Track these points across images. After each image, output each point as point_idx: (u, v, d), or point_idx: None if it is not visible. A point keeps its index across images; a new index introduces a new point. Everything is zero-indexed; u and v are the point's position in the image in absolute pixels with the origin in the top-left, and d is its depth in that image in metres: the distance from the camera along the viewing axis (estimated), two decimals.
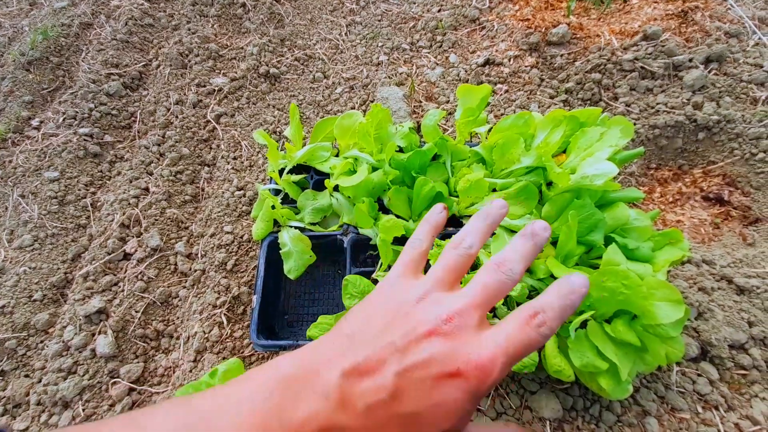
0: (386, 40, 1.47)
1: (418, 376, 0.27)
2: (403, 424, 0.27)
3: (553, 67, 1.26)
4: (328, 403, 0.26)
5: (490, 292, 0.31)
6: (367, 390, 0.27)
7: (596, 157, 0.72)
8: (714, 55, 1.22)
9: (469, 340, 0.28)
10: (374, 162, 0.85)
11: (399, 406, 0.26)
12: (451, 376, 0.27)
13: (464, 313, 0.29)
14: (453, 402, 0.27)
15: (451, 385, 0.27)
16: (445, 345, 0.28)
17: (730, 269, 0.89)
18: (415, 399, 0.27)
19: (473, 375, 0.27)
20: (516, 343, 0.28)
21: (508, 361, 0.27)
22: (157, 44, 1.59)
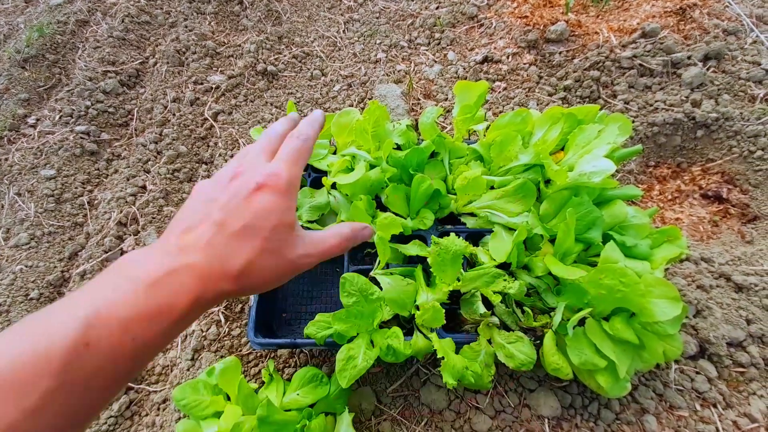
0: (384, 37, 1.46)
1: (235, 204, 0.35)
2: (240, 239, 0.34)
3: (552, 65, 1.26)
4: (168, 256, 0.33)
5: (264, 139, 0.42)
6: (201, 231, 0.34)
7: (594, 155, 0.72)
8: (712, 52, 1.22)
9: (260, 167, 0.38)
10: (372, 159, 0.85)
11: (228, 228, 0.34)
12: (256, 190, 0.36)
13: (254, 157, 0.39)
14: (267, 203, 0.35)
15: (260, 195, 0.36)
16: (245, 177, 0.37)
17: (729, 267, 0.89)
18: (238, 217, 0.35)
19: (270, 181, 0.36)
20: (288, 151, 0.40)
21: (289, 165, 0.38)
22: (154, 42, 1.58)
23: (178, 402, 0.68)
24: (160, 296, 0.30)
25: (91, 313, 0.27)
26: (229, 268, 0.33)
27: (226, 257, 0.33)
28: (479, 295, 0.72)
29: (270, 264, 0.35)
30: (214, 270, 0.33)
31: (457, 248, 0.68)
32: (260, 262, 0.35)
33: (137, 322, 0.28)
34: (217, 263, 0.33)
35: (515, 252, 0.71)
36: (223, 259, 0.33)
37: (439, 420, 0.77)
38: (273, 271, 0.36)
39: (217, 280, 0.33)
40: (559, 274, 0.65)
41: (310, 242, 0.39)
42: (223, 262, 0.33)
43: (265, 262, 0.35)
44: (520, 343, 0.67)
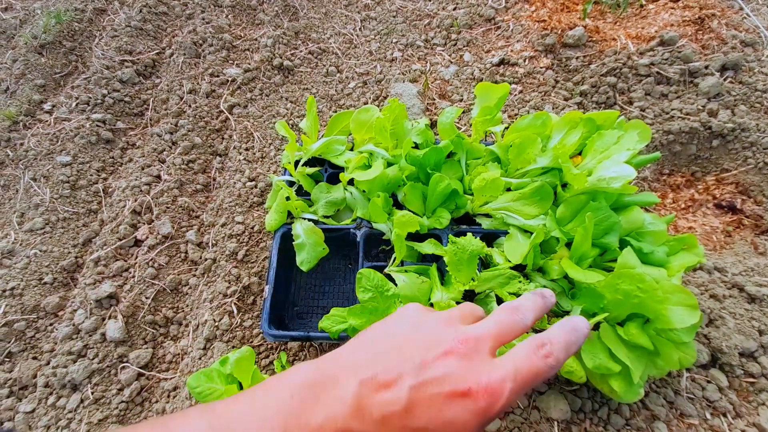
0: (401, 36, 1.47)
1: (432, 392, 0.28)
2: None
3: (568, 69, 1.26)
4: (344, 409, 0.27)
5: (504, 327, 0.33)
6: (383, 400, 0.28)
7: (614, 160, 0.72)
8: (730, 63, 1.21)
9: (482, 363, 0.29)
10: (389, 157, 0.85)
11: (411, 420, 0.27)
12: (462, 396, 0.28)
13: (480, 339, 0.31)
14: (462, 423, 0.27)
15: (462, 405, 0.27)
16: (460, 364, 0.29)
17: (742, 277, 0.89)
18: (426, 414, 0.27)
19: (483, 396, 0.27)
20: (524, 370, 0.29)
21: (516, 387, 0.28)
22: (171, 32, 1.59)
23: (193, 389, 0.69)
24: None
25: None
26: None
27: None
28: (494, 295, 0.73)
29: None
30: None
31: (474, 248, 0.68)
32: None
33: None
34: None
35: (531, 254, 0.71)
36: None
37: None
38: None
39: None
40: (576, 277, 0.65)
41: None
42: None
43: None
44: None
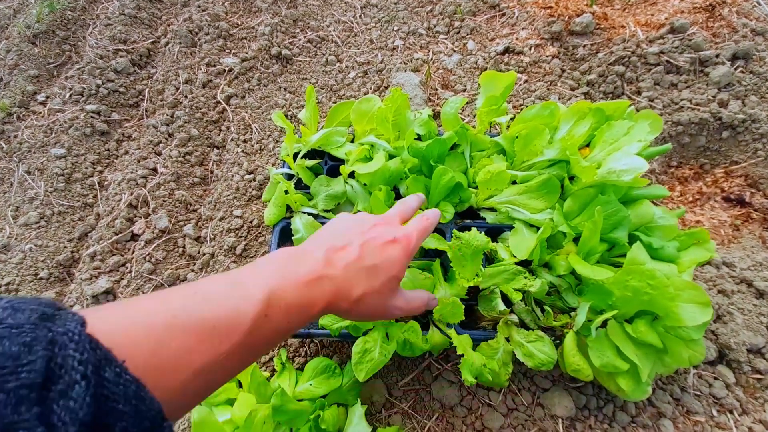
0: (402, 24, 1.43)
1: (373, 244, 0.45)
2: (367, 274, 0.43)
3: (575, 58, 1.22)
4: (319, 264, 0.41)
5: (403, 211, 0.56)
6: (343, 254, 0.43)
7: (624, 152, 0.70)
8: (741, 52, 1.18)
9: (397, 227, 0.50)
10: (391, 149, 0.83)
11: (363, 262, 0.43)
12: (392, 242, 0.46)
13: (392, 217, 0.52)
14: (396, 256, 0.46)
15: (393, 247, 0.46)
16: (385, 229, 0.48)
17: (750, 272, 0.87)
18: (372, 257, 0.44)
19: (403, 240, 0.47)
20: (418, 225, 0.51)
21: (419, 235, 0.50)
22: (166, 21, 1.55)
23: None
24: (310, 294, 0.38)
25: (270, 293, 0.34)
26: (352, 292, 0.42)
27: (354, 283, 0.42)
28: (498, 292, 0.71)
29: (376, 302, 0.44)
30: (343, 288, 0.41)
31: (478, 243, 0.66)
32: (371, 298, 0.43)
33: (294, 309, 0.36)
34: (347, 284, 0.41)
35: (538, 249, 0.69)
36: (351, 283, 0.42)
37: (450, 416, 0.76)
38: (374, 309, 0.45)
39: (342, 296, 0.41)
40: (584, 274, 0.63)
41: (404, 298, 0.49)
42: (350, 286, 0.42)
43: (374, 299, 0.44)
44: (541, 342, 0.65)
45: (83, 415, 0.20)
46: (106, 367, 0.22)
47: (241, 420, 0.61)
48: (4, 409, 0.18)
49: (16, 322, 0.21)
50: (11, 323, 0.21)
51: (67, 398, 0.19)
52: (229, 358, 0.29)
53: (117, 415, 0.21)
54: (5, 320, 0.21)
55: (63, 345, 0.21)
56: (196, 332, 0.28)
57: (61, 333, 0.22)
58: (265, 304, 0.33)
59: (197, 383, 0.28)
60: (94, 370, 0.21)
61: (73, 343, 0.21)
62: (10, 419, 0.17)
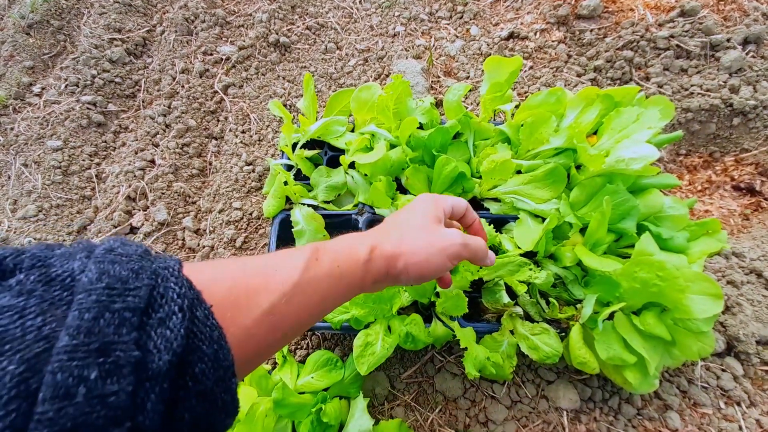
0: (403, 9, 1.38)
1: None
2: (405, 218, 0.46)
3: (582, 43, 1.19)
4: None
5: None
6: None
7: (634, 140, 0.67)
8: (752, 36, 1.14)
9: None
10: (392, 138, 0.80)
11: (397, 217, 0.47)
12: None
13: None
14: (423, 202, 0.47)
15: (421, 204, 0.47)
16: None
17: (760, 263, 0.85)
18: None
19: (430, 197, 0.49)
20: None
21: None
22: (161, 9, 1.51)
23: None
24: (353, 242, 0.40)
25: (318, 245, 0.37)
26: (391, 234, 0.42)
27: (391, 228, 0.44)
28: (503, 284, 0.69)
29: (420, 237, 0.42)
30: (382, 233, 0.43)
31: None
32: (412, 234, 0.42)
33: (342, 254, 0.37)
34: (385, 231, 0.43)
35: (543, 240, 0.68)
36: (389, 229, 0.44)
37: (453, 408, 0.75)
38: (424, 246, 0.41)
39: (383, 239, 0.41)
40: (591, 265, 0.62)
41: (454, 231, 0.45)
42: (388, 231, 0.43)
43: (416, 235, 0.42)
44: (546, 335, 0.64)
45: (176, 345, 0.20)
46: (198, 306, 0.23)
47: (242, 414, 0.61)
48: (107, 328, 0.19)
49: (126, 252, 0.24)
50: (122, 252, 0.23)
51: (165, 327, 0.21)
52: (290, 301, 0.31)
53: (200, 355, 0.22)
54: (116, 249, 0.24)
55: (165, 278, 0.23)
56: (263, 273, 0.31)
57: (162, 267, 0.24)
58: (315, 250, 0.36)
59: (264, 327, 0.29)
60: (189, 305, 0.22)
61: (173, 278, 0.23)
62: (110, 339, 0.19)
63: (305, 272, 0.33)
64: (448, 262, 0.42)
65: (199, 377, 0.21)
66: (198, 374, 0.21)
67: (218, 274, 0.29)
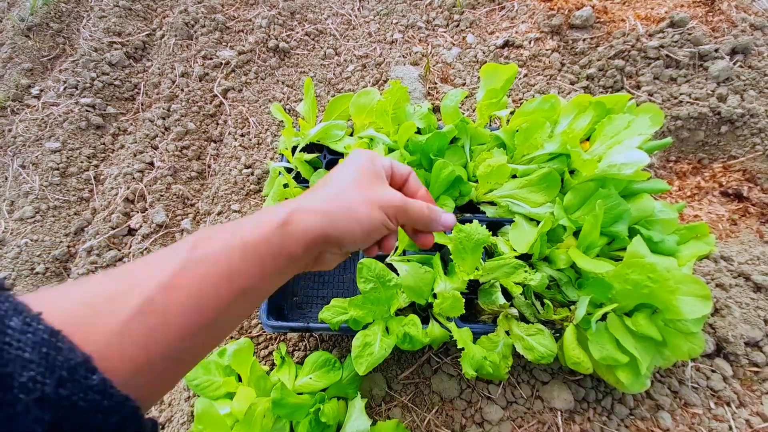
0: (401, 17, 1.41)
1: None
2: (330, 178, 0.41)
3: (575, 52, 1.22)
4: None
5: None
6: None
7: (625, 146, 0.70)
8: (740, 46, 1.18)
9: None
10: (391, 143, 0.82)
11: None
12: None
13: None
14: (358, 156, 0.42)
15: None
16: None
17: (748, 266, 0.87)
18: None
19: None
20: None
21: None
22: (161, 13, 1.53)
23: (190, 382, 0.67)
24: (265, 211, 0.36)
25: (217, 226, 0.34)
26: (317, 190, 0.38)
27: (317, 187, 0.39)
28: (498, 285, 0.71)
29: (355, 194, 0.37)
30: (303, 197, 0.38)
31: (480, 236, 0.66)
32: (345, 191, 0.37)
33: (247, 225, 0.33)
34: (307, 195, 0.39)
35: (538, 243, 0.69)
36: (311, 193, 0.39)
37: (450, 408, 0.76)
38: (357, 204, 0.37)
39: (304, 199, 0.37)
40: (584, 267, 0.63)
41: (394, 191, 0.40)
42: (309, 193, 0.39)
43: (350, 192, 0.37)
44: (540, 335, 0.66)
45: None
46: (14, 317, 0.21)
47: (241, 413, 0.61)
48: None
49: None
50: None
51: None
52: (174, 287, 0.28)
53: (22, 364, 0.20)
54: None
55: None
56: (131, 272, 0.28)
57: None
58: (205, 230, 0.33)
59: (141, 325, 0.26)
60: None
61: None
62: None
63: (192, 251, 0.30)
64: (386, 221, 0.38)
65: (29, 385, 0.20)
66: (26, 383, 0.20)
67: (71, 287, 0.26)
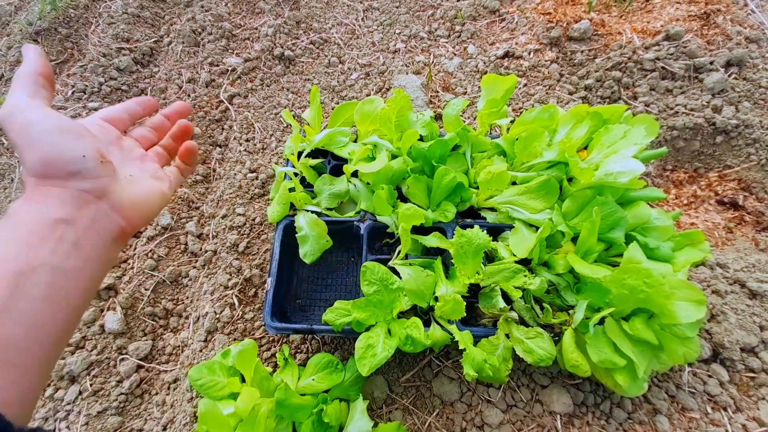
0: (404, 27, 1.45)
1: None
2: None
3: (573, 63, 1.25)
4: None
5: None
6: None
7: (621, 155, 0.72)
8: (734, 59, 1.21)
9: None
10: (394, 149, 0.84)
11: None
12: None
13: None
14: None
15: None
16: None
17: (743, 273, 0.89)
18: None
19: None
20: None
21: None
22: (169, 20, 1.56)
23: (195, 382, 0.68)
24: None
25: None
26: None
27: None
28: (499, 289, 0.72)
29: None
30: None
31: (481, 241, 0.68)
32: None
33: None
34: None
35: (537, 248, 0.71)
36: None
37: (450, 411, 0.77)
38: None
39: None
40: (582, 272, 0.65)
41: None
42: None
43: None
44: (540, 338, 0.67)
45: None
46: None
47: (244, 413, 0.62)
48: None
49: None
50: None
51: None
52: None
53: None
54: None
55: None
56: None
57: None
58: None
59: None
60: None
61: None
62: None
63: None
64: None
65: None
66: None
67: None
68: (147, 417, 0.84)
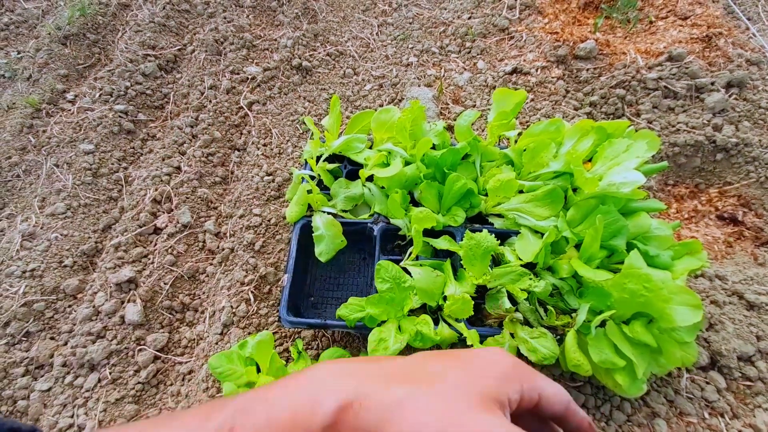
0: (416, 42, 1.51)
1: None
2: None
3: (579, 80, 1.30)
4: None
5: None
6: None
7: (624, 167, 0.76)
8: (735, 80, 1.26)
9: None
10: (408, 156, 0.89)
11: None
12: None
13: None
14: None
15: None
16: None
17: (742, 285, 0.92)
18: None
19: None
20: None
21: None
22: (193, 30, 1.63)
23: (214, 369, 0.72)
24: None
25: (243, 409, 0.31)
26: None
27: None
28: (505, 291, 0.76)
29: (435, 412, 0.27)
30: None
31: (489, 244, 0.72)
32: (423, 401, 0.28)
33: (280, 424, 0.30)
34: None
35: (543, 253, 0.75)
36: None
37: None
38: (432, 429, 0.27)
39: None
40: (585, 275, 0.69)
41: (501, 421, 0.27)
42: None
43: (429, 405, 0.28)
44: (544, 338, 0.70)
45: None
46: None
47: None
48: None
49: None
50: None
51: None
52: None
53: None
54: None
55: None
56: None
57: None
58: (232, 417, 0.30)
59: None
60: None
61: None
62: None
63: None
64: None
65: None
66: None
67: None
68: (162, 406, 0.87)
